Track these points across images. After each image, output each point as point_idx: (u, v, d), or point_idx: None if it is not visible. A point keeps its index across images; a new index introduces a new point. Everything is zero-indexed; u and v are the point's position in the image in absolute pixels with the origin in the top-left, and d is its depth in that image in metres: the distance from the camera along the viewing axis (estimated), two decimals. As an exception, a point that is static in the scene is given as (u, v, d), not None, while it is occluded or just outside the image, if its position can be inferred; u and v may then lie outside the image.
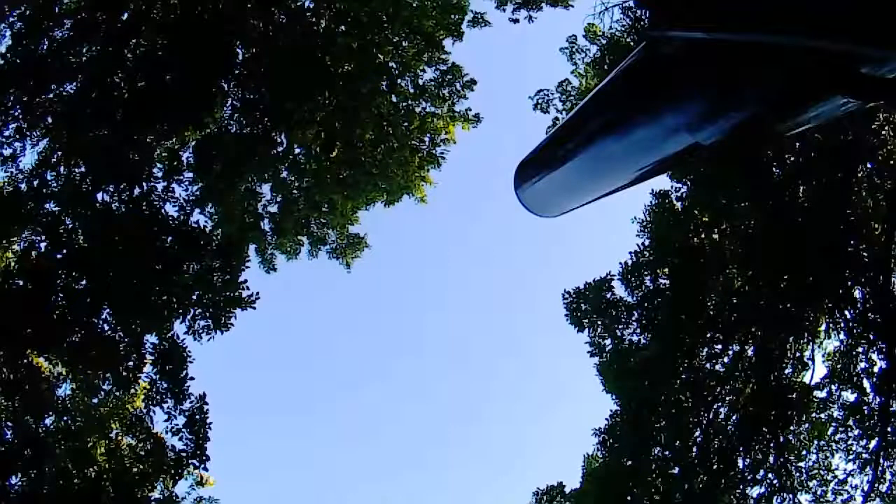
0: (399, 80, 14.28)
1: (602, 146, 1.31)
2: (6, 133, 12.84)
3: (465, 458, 47.76)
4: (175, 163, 13.23)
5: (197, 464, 13.07)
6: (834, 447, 13.75)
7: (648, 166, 1.30)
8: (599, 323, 13.71)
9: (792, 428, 13.69)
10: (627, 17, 14.42)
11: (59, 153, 13.15)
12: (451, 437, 46.73)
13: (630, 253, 13.80)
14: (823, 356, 13.87)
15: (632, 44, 14.18)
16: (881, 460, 13.12)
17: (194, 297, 13.01)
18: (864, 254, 13.15)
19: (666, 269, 13.62)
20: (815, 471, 13.77)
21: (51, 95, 12.98)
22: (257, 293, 13.16)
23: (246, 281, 13.14)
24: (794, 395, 13.57)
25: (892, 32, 0.70)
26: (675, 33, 1.01)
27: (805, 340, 13.78)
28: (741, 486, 13.56)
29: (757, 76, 0.95)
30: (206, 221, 13.50)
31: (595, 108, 1.33)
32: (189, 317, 13.00)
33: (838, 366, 13.64)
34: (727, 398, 13.84)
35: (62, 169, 13.16)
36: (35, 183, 12.95)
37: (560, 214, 1.71)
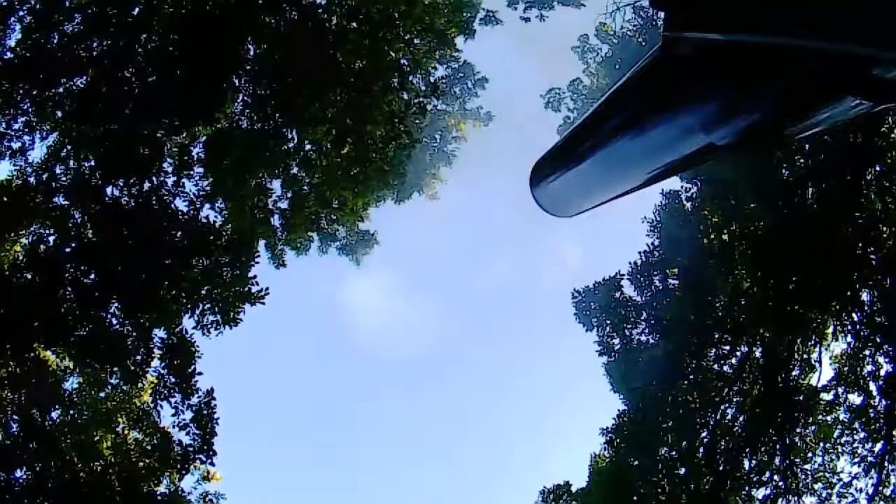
0: (411, 78, 14.27)
1: (617, 146, 1.32)
2: (15, 126, 12.80)
3: (471, 457, 47.84)
4: (185, 158, 13.21)
5: (203, 459, 13.07)
6: (839, 450, 13.78)
7: (664, 166, 1.32)
8: (608, 322, 13.72)
9: (798, 430, 13.72)
10: (639, 16, 14.44)
11: (69, 147, 13.10)
12: (457, 435, 46.78)
13: (640, 252, 13.83)
14: (830, 358, 13.90)
15: (643, 43, 14.21)
16: (886, 464, 13.16)
17: (203, 291, 13.00)
18: (873, 256, 13.18)
19: (675, 269, 13.65)
20: (821, 473, 13.80)
21: (60, 89, 12.93)
22: (266, 288, 13.17)
23: (255, 276, 13.14)
24: (800, 398, 13.60)
25: None
26: (690, 34, 1.03)
27: (812, 342, 13.80)
28: (747, 488, 13.59)
29: (770, 77, 0.96)
30: (215, 216, 13.48)
31: (610, 108, 1.34)
32: (198, 311, 12.99)
33: (845, 368, 13.66)
34: (734, 399, 13.86)
35: (71, 163, 13.12)
36: (44, 176, 12.91)
37: (575, 214, 1.72)
